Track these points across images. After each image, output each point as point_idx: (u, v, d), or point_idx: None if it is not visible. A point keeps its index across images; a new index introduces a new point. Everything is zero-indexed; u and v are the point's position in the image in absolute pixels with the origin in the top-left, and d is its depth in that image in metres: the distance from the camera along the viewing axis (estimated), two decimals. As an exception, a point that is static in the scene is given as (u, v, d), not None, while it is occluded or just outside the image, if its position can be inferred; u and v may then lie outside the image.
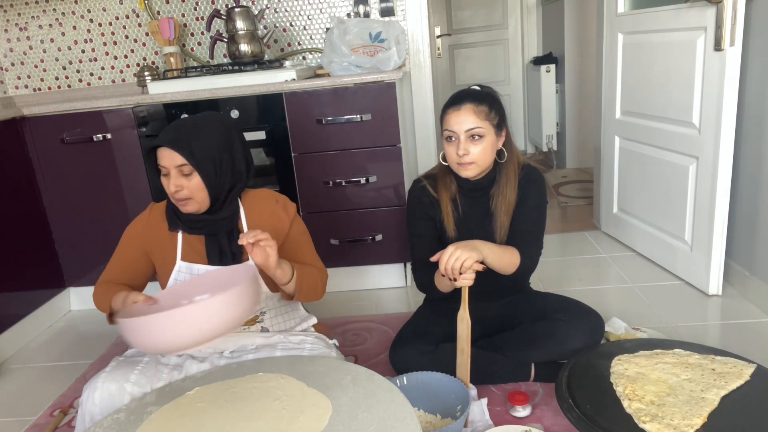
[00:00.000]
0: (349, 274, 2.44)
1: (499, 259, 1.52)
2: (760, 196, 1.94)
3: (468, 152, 1.52)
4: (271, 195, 1.55)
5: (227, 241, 1.44)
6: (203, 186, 1.36)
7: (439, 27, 4.68)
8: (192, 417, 1.16)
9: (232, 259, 1.44)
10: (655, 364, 1.45)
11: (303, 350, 1.43)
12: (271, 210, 1.51)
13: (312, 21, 2.70)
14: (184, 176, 1.35)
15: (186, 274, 1.45)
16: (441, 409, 1.50)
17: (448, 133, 1.54)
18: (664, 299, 2.13)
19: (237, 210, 1.46)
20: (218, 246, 1.44)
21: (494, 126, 1.54)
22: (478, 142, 1.52)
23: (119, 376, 1.32)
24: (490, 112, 1.52)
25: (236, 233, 1.44)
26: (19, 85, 2.85)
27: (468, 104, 1.51)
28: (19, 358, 2.19)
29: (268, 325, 1.52)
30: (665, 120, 2.25)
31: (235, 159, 1.43)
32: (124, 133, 2.28)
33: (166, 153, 1.34)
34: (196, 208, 1.39)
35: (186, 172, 1.34)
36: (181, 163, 1.33)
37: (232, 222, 1.45)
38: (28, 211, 2.32)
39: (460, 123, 1.51)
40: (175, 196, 1.37)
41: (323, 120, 2.18)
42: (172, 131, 1.36)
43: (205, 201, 1.39)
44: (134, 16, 2.73)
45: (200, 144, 1.35)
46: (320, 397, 1.16)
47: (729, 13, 1.83)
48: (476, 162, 1.54)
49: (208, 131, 1.38)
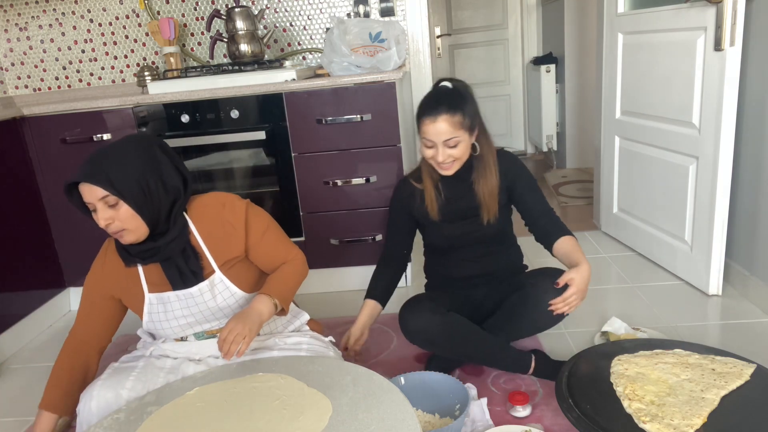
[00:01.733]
0: (349, 274, 2.44)
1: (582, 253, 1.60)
2: (760, 196, 1.93)
3: (448, 156, 1.59)
4: (217, 200, 1.45)
5: (183, 261, 1.38)
6: (133, 213, 1.29)
7: (439, 27, 4.68)
8: (192, 417, 1.16)
9: (194, 278, 1.39)
10: (655, 364, 1.45)
11: (300, 351, 1.43)
12: (220, 218, 1.42)
13: (312, 21, 2.70)
14: (111, 207, 1.28)
15: (158, 305, 1.41)
16: (439, 408, 1.50)
17: (427, 141, 1.60)
18: (664, 299, 2.13)
19: (185, 226, 1.39)
20: (177, 269, 1.38)
21: (468, 129, 1.59)
22: (456, 147, 1.59)
23: (115, 384, 1.33)
24: (463, 120, 1.57)
25: (190, 251, 1.39)
26: (19, 85, 2.85)
27: (443, 115, 1.55)
28: (19, 358, 2.19)
29: None
30: (665, 120, 2.25)
31: (165, 176, 1.34)
32: (124, 133, 2.27)
33: (86, 188, 1.27)
34: (134, 238, 1.32)
35: (111, 203, 1.27)
36: (102, 195, 1.26)
37: (183, 240, 1.38)
38: (28, 211, 2.32)
39: (437, 134, 1.56)
40: (108, 230, 1.30)
41: (323, 120, 2.18)
42: (87, 165, 1.28)
43: (141, 228, 1.32)
44: (134, 16, 2.73)
45: (119, 171, 1.27)
46: (320, 397, 1.16)
47: (729, 13, 1.83)
48: (457, 160, 1.62)
49: (125, 156, 1.30)
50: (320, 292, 2.47)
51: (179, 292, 1.38)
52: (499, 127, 4.91)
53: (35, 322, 2.34)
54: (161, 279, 1.40)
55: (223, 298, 1.41)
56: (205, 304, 1.40)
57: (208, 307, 1.40)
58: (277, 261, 1.48)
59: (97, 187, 1.26)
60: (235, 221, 1.43)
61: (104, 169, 1.26)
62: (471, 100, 1.62)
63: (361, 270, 2.43)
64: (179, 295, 1.39)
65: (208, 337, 1.46)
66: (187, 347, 1.46)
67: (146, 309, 1.41)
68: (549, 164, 4.50)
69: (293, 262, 1.49)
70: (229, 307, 1.43)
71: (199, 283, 1.39)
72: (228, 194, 1.48)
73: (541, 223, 1.68)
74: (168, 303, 1.40)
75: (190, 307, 1.40)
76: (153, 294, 1.40)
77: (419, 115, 1.60)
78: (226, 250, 1.42)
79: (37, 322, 2.35)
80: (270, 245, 1.47)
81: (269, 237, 1.48)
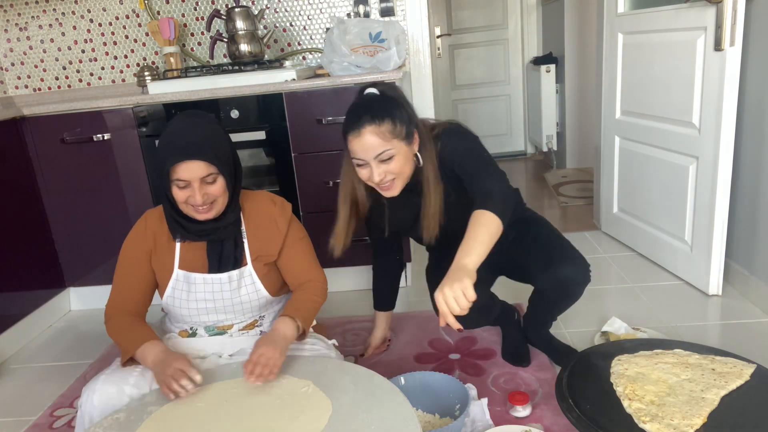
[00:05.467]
0: (349, 274, 2.44)
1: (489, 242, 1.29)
2: (760, 196, 1.93)
3: (385, 173, 1.39)
4: (269, 197, 1.50)
5: (232, 246, 1.41)
6: (225, 189, 1.33)
7: (439, 27, 4.68)
8: (192, 417, 1.16)
9: (233, 265, 1.41)
10: (655, 364, 1.45)
11: (303, 351, 1.43)
12: (269, 214, 1.46)
13: (312, 21, 2.70)
14: (208, 184, 1.30)
15: (183, 283, 1.41)
16: (439, 408, 1.50)
17: (357, 161, 1.40)
18: (664, 299, 2.13)
19: (239, 211, 1.43)
20: (220, 252, 1.40)
21: (403, 138, 1.39)
22: (391, 161, 1.38)
23: (118, 379, 1.32)
24: (394, 128, 1.36)
25: (239, 239, 1.42)
26: (19, 85, 2.85)
27: (367, 127, 1.34)
28: (19, 358, 2.19)
29: (266, 329, 1.50)
30: (665, 120, 2.25)
31: (237, 159, 1.41)
32: (124, 133, 2.28)
33: (188, 165, 1.26)
34: (215, 213, 1.34)
35: (210, 180, 1.29)
36: (207, 173, 1.28)
37: (237, 225, 1.42)
38: (28, 211, 2.32)
39: (366, 150, 1.36)
40: (198, 204, 1.30)
41: (323, 120, 2.18)
42: (190, 141, 1.27)
43: (224, 205, 1.36)
44: (134, 16, 2.73)
45: (220, 148, 1.31)
46: (320, 397, 1.16)
47: (729, 13, 1.83)
48: (398, 177, 1.41)
49: (219, 132, 1.34)
50: (320, 292, 2.47)
51: (207, 276, 1.40)
52: (499, 127, 4.91)
53: (35, 322, 2.34)
54: (195, 260, 1.41)
55: (247, 292, 1.43)
56: (229, 293, 1.41)
57: (230, 298, 1.42)
58: (302, 273, 1.50)
59: (202, 165, 1.26)
60: (281, 218, 1.46)
61: (210, 144, 1.28)
62: (403, 103, 1.43)
63: (361, 270, 2.43)
64: (206, 279, 1.40)
65: (218, 332, 1.46)
66: (193, 344, 1.45)
67: (171, 284, 1.41)
68: (549, 164, 4.50)
69: (315, 285, 1.49)
70: (249, 302, 1.44)
71: (230, 272, 1.40)
72: (278, 196, 1.52)
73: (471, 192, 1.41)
74: (193, 284, 1.41)
75: (214, 293, 1.41)
76: (181, 271, 1.41)
77: (344, 132, 1.40)
78: (263, 245, 1.44)
79: (37, 322, 2.35)
80: (300, 255, 1.50)
81: (302, 246, 1.51)
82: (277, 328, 1.34)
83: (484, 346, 1.90)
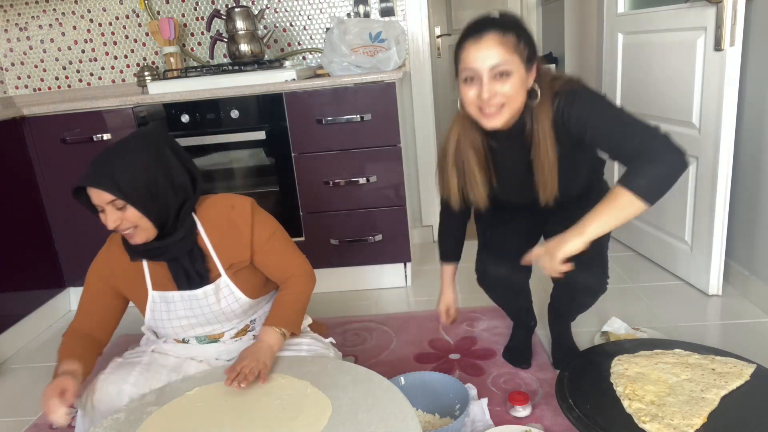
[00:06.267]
0: (349, 274, 2.44)
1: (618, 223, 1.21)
2: (760, 196, 1.93)
3: (495, 94, 1.24)
4: (227, 201, 1.42)
5: (190, 262, 1.35)
6: (141, 215, 1.26)
7: (439, 27, 4.68)
8: (192, 417, 1.16)
9: (200, 281, 1.36)
10: (655, 364, 1.45)
11: (301, 351, 1.43)
12: (228, 219, 1.39)
13: (312, 21, 2.70)
14: (119, 210, 1.25)
15: (161, 303, 1.38)
16: (439, 408, 1.51)
17: (468, 73, 1.26)
18: (664, 299, 2.13)
19: (193, 226, 1.35)
20: (183, 269, 1.35)
21: (524, 60, 1.26)
22: (506, 80, 1.24)
23: (117, 378, 1.32)
24: (518, 43, 1.24)
25: (197, 252, 1.36)
26: (19, 85, 2.85)
27: (491, 33, 1.22)
28: (19, 358, 2.19)
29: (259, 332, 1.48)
30: (665, 120, 2.24)
31: (174, 175, 1.31)
32: (124, 133, 2.25)
33: (94, 192, 1.24)
34: (144, 237, 1.29)
35: (119, 206, 1.24)
36: (110, 199, 1.23)
37: (190, 241, 1.34)
38: (28, 211, 2.32)
39: (483, 58, 1.22)
40: (118, 230, 1.28)
41: (323, 120, 2.18)
42: (93, 167, 1.24)
43: (151, 228, 1.29)
44: (134, 16, 2.73)
45: (126, 174, 1.23)
46: (320, 397, 1.16)
47: (729, 13, 1.83)
48: (507, 104, 1.27)
49: (132, 156, 1.26)
50: (320, 292, 2.46)
51: (184, 292, 1.36)
52: (499, 127, 4.90)
53: (35, 322, 2.34)
54: (166, 278, 1.37)
55: (228, 302, 1.39)
56: (209, 307, 1.38)
57: (212, 310, 1.39)
58: (283, 271, 1.45)
59: (103, 192, 1.23)
60: (241, 223, 1.39)
61: (111, 172, 1.23)
62: (528, 30, 1.29)
63: (361, 270, 2.43)
64: (183, 296, 1.37)
65: (210, 341, 1.45)
66: (188, 349, 1.45)
67: (149, 306, 1.39)
68: (549, 164, 4.49)
69: (297, 280, 1.45)
70: (232, 312, 1.41)
71: (205, 286, 1.36)
72: (238, 196, 1.44)
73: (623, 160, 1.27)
74: (172, 302, 1.38)
75: (193, 308, 1.38)
76: (157, 292, 1.38)
77: (460, 41, 1.27)
78: (232, 253, 1.39)
79: (37, 322, 2.35)
80: (275, 253, 1.44)
81: (274, 244, 1.43)
82: (261, 339, 1.35)
83: (484, 346, 1.90)
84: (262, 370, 1.26)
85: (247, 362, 1.27)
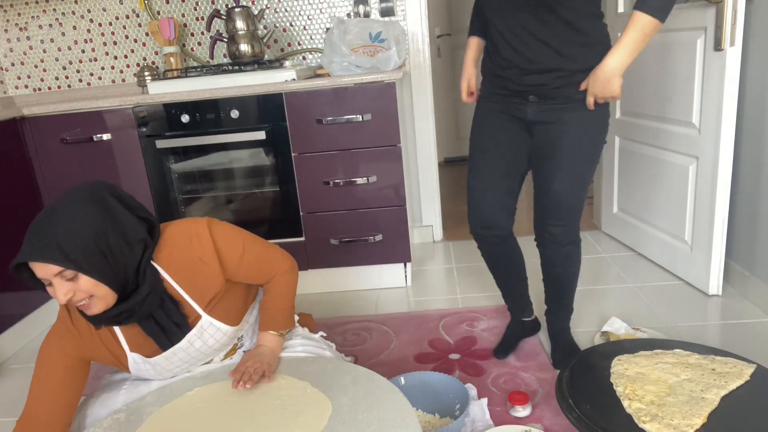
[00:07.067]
0: (349, 274, 2.44)
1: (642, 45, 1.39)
2: (760, 196, 1.93)
3: None
4: (184, 234, 1.26)
5: (164, 315, 1.22)
6: (96, 282, 1.10)
7: (439, 27, 4.67)
8: (191, 417, 1.16)
9: (180, 331, 1.25)
10: (655, 364, 1.45)
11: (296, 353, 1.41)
12: (191, 255, 1.25)
13: (312, 21, 2.70)
14: (69, 281, 1.09)
15: (144, 364, 1.27)
16: (439, 408, 1.51)
17: None
18: (664, 299, 2.13)
19: (156, 276, 1.20)
20: (159, 327, 1.22)
21: None
22: None
23: (105, 400, 1.32)
24: None
25: (169, 301, 1.22)
26: (19, 85, 2.85)
27: None
28: (19, 358, 2.19)
29: (249, 346, 1.45)
30: (665, 120, 2.25)
31: (127, 231, 1.16)
32: (124, 133, 2.28)
33: (37, 265, 1.07)
34: (103, 305, 1.13)
35: (69, 276, 1.08)
36: (57, 270, 1.07)
37: (158, 293, 1.20)
38: (28, 211, 2.32)
39: None
40: (71, 303, 1.12)
41: (323, 120, 2.18)
42: (31, 238, 1.08)
43: (110, 294, 1.13)
44: (134, 16, 2.73)
45: (70, 238, 1.07)
46: (320, 397, 1.16)
47: (729, 13, 1.83)
48: None
49: (75, 218, 1.10)
50: (320, 292, 2.47)
51: (167, 352, 1.26)
52: (499, 127, 4.90)
53: (35, 322, 2.34)
54: (142, 337, 1.24)
55: (215, 339, 1.31)
56: (196, 351, 1.30)
57: (201, 352, 1.31)
58: (265, 276, 1.37)
59: (49, 265, 1.07)
60: (206, 255, 1.25)
61: (53, 240, 1.07)
62: None
63: (361, 270, 2.43)
64: (168, 355, 1.26)
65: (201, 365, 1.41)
66: None
67: (132, 366, 1.28)
68: (549, 164, 4.49)
69: (280, 278, 1.39)
70: (221, 344, 1.33)
71: (187, 335, 1.26)
72: (192, 222, 1.29)
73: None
74: (156, 364, 1.28)
75: (181, 359, 1.30)
76: (136, 354, 1.26)
77: None
78: (206, 289, 1.26)
79: (37, 322, 2.35)
80: (252, 265, 1.33)
81: (248, 257, 1.32)
82: (261, 344, 1.34)
83: (484, 346, 1.90)
84: (267, 369, 1.26)
85: (251, 363, 1.27)
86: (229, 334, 1.33)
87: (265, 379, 1.25)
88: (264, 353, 1.31)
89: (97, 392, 1.37)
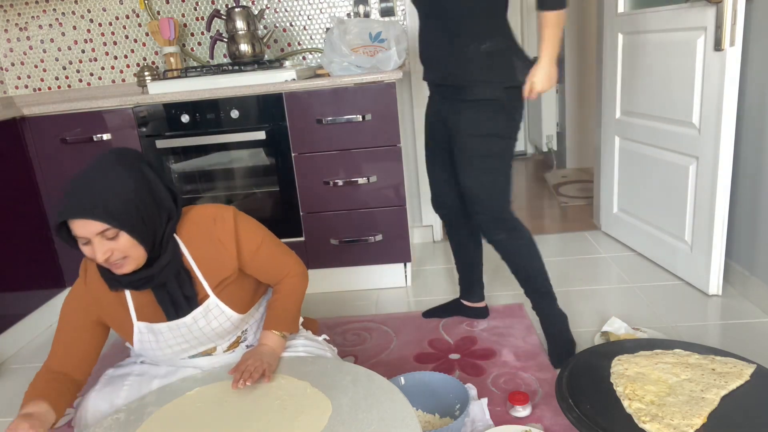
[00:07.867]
0: (349, 274, 2.44)
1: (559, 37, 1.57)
2: (760, 196, 1.94)
3: None
4: (208, 215, 1.32)
5: (177, 286, 1.26)
6: (134, 242, 1.16)
7: (439, 27, 4.67)
8: (192, 417, 1.16)
9: (188, 305, 1.28)
10: (655, 364, 1.45)
11: (298, 353, 1.42)
12: (210, 235, 1.30)
13: (312, 21, 2.70)
14: (110, 240, 1.14)
15: (148, 334, 1.31)
16: (439, 408, 1.51)
17: None
18: (664, 299, 2.13)
19: (177, 247, 1.26)
20: (169, 296, 1.26)
21: None
22: None
23: (108, 394, 1.33)
24: None
25: (184, 274, 1.27)
26: (19, 85, 2.85)
27: None
28: (19, 358, 2.19)
29: (252, 341, 1.47)
30: (665, 120, 2.25)
31: (158, 196, 1.22)
32: (124, 133, 2.28)
33: (79, 223, 1.12)
34: (134, 266, 1.19)
35: (110, 235, 1.13)
36: (101, 229, 1.12)
37: (177, 263, 1.25)
38: (28, 211, 2.32)
39: None
40: (108, 262, 1.17)
41: (323, 120, 2.18)
42: (78, 196, 1.13)
43: (142, 255, 1.19)
44: (134, 16, 2.73)
45: (116, 200, 1.13)
46: (320, 397, 1.16)
47: (729, 13, 1.83)
48: None
49: (117, 180, 1.15)
50: (320, 292, 2.47)
51: (171, 323, 1.29)
52: (499, 127, 4.90)
53: (35, 322, 2.34)
54: (151, 307, 1.29)
55: (219, 322, 1.34)
56: (200, 331, 1.33)
57: (203, 332, 1.33)
58: (276, 275, 1.41)
59: (93, 222, 1.11)
60: (225, 238, 1.31)
61: (99, 198, 1.12)
62: None
63: (361, 270, 2.43)
64: (171, 326, 1.30)
65: (203, 355, 1.42)
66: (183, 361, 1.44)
67: (136, 337, 1.31)
68: (549, 164, 4.50)
69: (290, 280, 1.42)
70: (224, 330, 1.36)
71: (193, 311, 1.29)
72: (218, 207, 1.35)
73: None
74: (159, 333, 1.31)
75: (184, 335, 1.32)
76: (143, 323, 1.29)
77: None
78: (218, 270, 1.31)
79: (37, 322, 2.35)
80: (266, 261, 1.38)
81: (264, 252, 1.37)
82: (263, 344, 1.35)
83: (484, 346, 1.90)
84: (267, 369, 1.26)
85: (251, 361, 1.27)
86: (233, 320, 1.35)
87: (265, 379, 1.25)
88: (265, 352, 1.32)
89: (99, 386, 1.37)
